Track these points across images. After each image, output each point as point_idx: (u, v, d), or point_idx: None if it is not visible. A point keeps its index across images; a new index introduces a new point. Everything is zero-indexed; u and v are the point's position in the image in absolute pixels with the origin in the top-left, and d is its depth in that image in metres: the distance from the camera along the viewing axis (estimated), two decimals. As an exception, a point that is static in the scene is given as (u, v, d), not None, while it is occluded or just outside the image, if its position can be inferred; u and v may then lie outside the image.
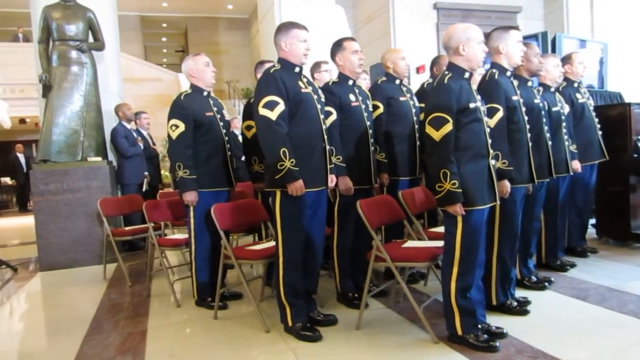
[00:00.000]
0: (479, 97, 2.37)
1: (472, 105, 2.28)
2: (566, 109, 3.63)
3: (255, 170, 3.54)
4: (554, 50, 5.59)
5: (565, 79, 3.77)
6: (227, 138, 3.27)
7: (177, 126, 3.09)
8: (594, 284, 3.27)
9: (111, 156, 5.56)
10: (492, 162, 2.38)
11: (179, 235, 3.79)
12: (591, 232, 4.35)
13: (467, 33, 2.33)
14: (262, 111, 2.52)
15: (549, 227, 3.61)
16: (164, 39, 18.32)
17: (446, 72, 2.34)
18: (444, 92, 2.26)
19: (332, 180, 2.74)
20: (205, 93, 3.26)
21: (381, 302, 3.14)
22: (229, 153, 3.28)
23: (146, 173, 5.58)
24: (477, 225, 2.32)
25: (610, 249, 4.21)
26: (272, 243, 2.99)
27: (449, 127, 2.22)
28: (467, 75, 2.34)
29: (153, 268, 4.04)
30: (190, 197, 3.11)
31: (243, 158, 3.86)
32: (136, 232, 4.21)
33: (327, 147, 2.69)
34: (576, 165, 3.61)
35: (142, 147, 5.59)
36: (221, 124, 3.25)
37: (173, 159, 3.11)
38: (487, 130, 2.36)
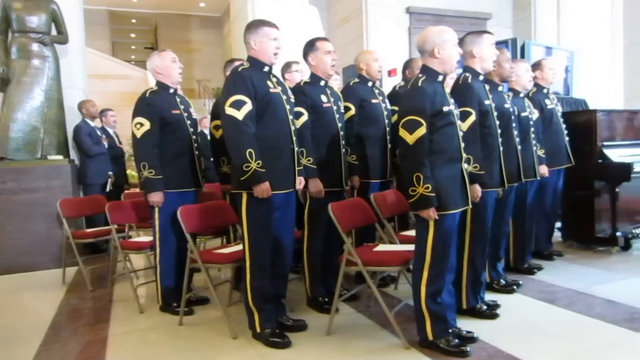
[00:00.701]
0: (452, 101, 2.35)
1: (445, 108, 2.25)
2: (535, 114, 3.67)
3: (224, 171, 3.45)
4: (522, 57, 5.68)
5: (536, 84, 3.82)
6: (194, 137, 3.17)
7: (142, 124, 2.97)
8: (562, 287, 3.30)
9: (74, 155, 5.35)
10: (465, 166, 2.37)
11: (144, 238, 3.65)
12: (556, 235, 4.42)
13: (442, 36, 2.31)
14: (229, 110, 2.43)
15: (517, 230, 3.64)
16: (133, 36, 17.90)
17: (420, 75, 2.32)
18: (418, 95, 2.22)
19: (300, 182, 2.67)
20: (171, 90, 3.15)
21: (352, 306, 3.09)
22: (197, 153, 3.18)
23: (110, 173, 5.39)
24: (449, 230, 2.29)
25: (575, 252, 4.28)
26: (240, 246, 2.90)
27: (422, 131, 2.19)
28: (441, 78, 2.32)
29: (116, 272, 3.88)
30: (156, 198, 3.00)
31: (212, 158, 3.76)
32: (98, 234, 4.05)
33: (296, 149, 2.63)
34: (544, 169, 3.65)
35: (106, 145, 5.39)
36: (188, 122, 3.15)
37: (138, 159, 2.99)
38: (460, 134, 2.34)
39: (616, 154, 4.09)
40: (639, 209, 4.45)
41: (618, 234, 4.09)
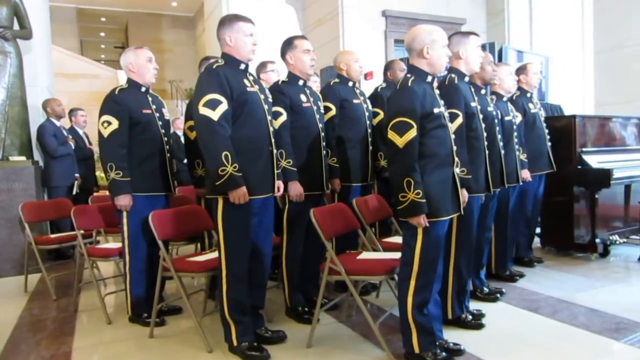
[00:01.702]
0: (442, 102, 2.25)
1: (436, 110, 2.16)
2: (518, 118, 3.63)
3: (198, 175, 3.28)
4: (500, 61, 5.69)
5: (519, 88, 3.79)
6: (166, 139, 3.01)
7: (109, 123, 2.79)
8: (544, 294, 3.26)
9: (37, 156, 5.07)
10: (457, 170, 2.28)
11: (113, 244, 3.45)
12: (535, 241, 4.39)
13: (432, 35, 2.21)
14: (203, 110, 2.28)
15: (499, 237, 3.59)
16: (102, 34, 17.45)
17: (409, 75, 2.21)
18: (408, 95, 2.12)
19: (279, 187, 2.54)
20: (143, 89, 2.99)
21: (332, 316, 2.97)
22: (168, 155, 3.01)
23: (77, 175, 5.13)
24: (438, 238, 2.20)
25: (554, 258, 4.27)
26: (216, 254, 2.75)
27: (413, 133, 2.08)
28: (429, 79, 2.22)
29: (82, 280, 3.66)
30: (124, 201, 2.82)
31: (185, 161, 3.59)
32: (63, 240, 3.81)
33: (275, 151, 2.50)
34: (526, 174, 3.62)
35: (73, 146, 5.13)
36: (160, 123, 2.98)
37: (104, 160, 2.81)
38: (453, 137, 2.25)
39: (595, 160, 4.09)
40: (617, 215, 4.49)
41: (597, 240, 4.09)
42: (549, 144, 3.90)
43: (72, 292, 3.57)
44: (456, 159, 2.27)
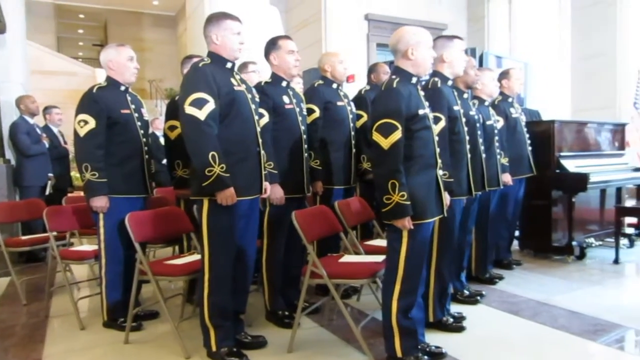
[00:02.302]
0: (427, 104, 2.24)
1: (421, 112, 2.14)
2: (500, 123, 3.66)
3: (178, 175, 3.21)
4: (480, 67, 5.74)
5: (501, 93, 3.82)
6: (145, 139, 2.93)
7: (86, 122, 2.70)
8: (524, 297, 3.28)
9: (10, 154, 4.92)
10: (440, 172, 2.27)
11: (87, 247, 3.35)
12: (514, 243, 4.43)
13: (417, 36, 2.20)
14: (189, 110, 2.23)
15: (479, 240, 3.60)
16: (80, 31, 17.11)
17: (394, 77, 2.19)
18: (393, 96, 2.10)
19: (266, 188, 2.50)
20: (122, 88, 2.91)
21: (313, 320, 2.93)
22: (147, 157, 2.94)
23: (50, 175, 4.98)
24: (424, 240, 2.18)
25: (533, 260, 4.31)
26: (195, 257, 2.71)
27: (398, 135, 2.06)
28: (414, 80, 2.21)
29: (54, 284, 3.55)
30: (99, 202, 2.74)
31: (164, 161, 3.52)
32: (35, 242, 3.68)
33: (262, 151, 2.45)
34: (507, 178, 3.64)
35: (47, 145, 4.99)
36: (139, 123, 2.90)
37: (80, 160, 2.72)
38: (436, 139, 2.24)
39: (573, 165, 4.14)
40: (593, 219, 4.56)
41: (574, 243, 4.14)
42: (530, 148, 3.95)
43: (44, 296, 3.45)
44: (439, 161, 2.26)
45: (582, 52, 7.39)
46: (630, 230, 4.70)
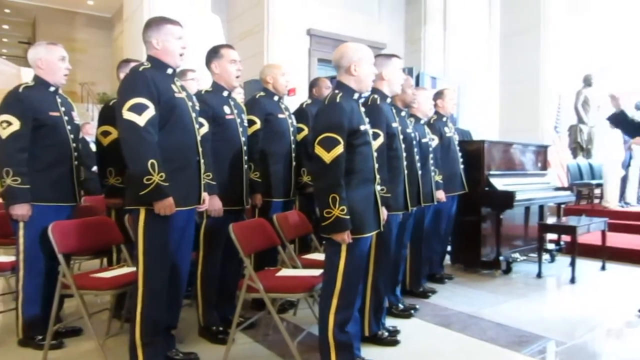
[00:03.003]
0: (367, 120, 2.28)
1: (362, 127, 2.18)
2: (435, 141, 3.79)
3: (110, 184, 3.05)
4: (417, 86, 5.95)
5: (436, 112, 3.96)
6: (75, 144, 2.78)
7: (9, 123, 2.52)
8: (455, 310, 3.39)
9: None
10: (378, 187, 2.30)
11: (3, 258, 3.10)
12: (446, 258, 4.58)
13: (360, 53, 2.24)
14: (128, 115, 2.14)
15: (414, 254, 3.69)
16: (5, 27, 16.05)
17: (337, 92, 2.22)
18: (336, 111, 2.12)
19: (204, 199, 2.43)
20: (52, 89, 2.74)
21: (249, 335, 2.87)
22: (76, 163, 2.78)
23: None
24: (362, 254, 2.20)
25: (463, 275, 4.47)
26: (125, 270, 2.58)
27: (340, 149, 2.08)
28: (356, 96, 2.25)
29: (-36, 298, 3.26)
30: (20, 211, 2.55)
31: (94, 168, 3.34)
32: (-57, 252, 3.38)
33: (202, 160, 2.39)
34: (441, 194, 3.77)
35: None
36: (69, 127, 2.75)
37: (0, 164, 2.53)
38: (375, 154, 2.28)
39: (501, 183, 4.37)
40: (518, 234, 4.82)
41: (501, 258, 4.35)
42: (462, 166, 4.12)
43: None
44: (377, 176, 2.30)
45: (509, 77, 7.87)
46: (551, 246, 5.01)
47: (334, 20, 9.35)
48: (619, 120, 3.49)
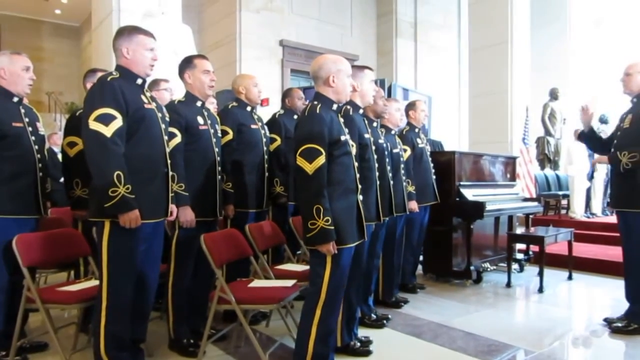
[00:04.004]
0: (347, 130, 2.30)
1: (342, 137, 2.20)
2: (407, 152, 3.85)
3: (76, 195, 2.99)
4: (389, 97, 6.03)
5: (409, 123, 4.02)
6: (39, 156, 2.70)
7: (-30, 135, 2.44)
8: (426, 320, 3.42)
9: None
10: (360, 197, 2.31)
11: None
12: (418, 268, 4.62)
13: (338, 65, 2.27)
14: (94, 125, 2.10)
15: (386, 264, 3.71)
16: (-32, 35, 15.57)
17: (315, 102, 2.23)
18: (317, 122, 2.13)
19: (172, 211, 2.40)
20: (15, 99, 2.67)
21: (220, 347, 2.83)
22: (41, 174, 2.70)
23: None
24: (346, 265, 2.22)
25: (435, 284, 4.52)
26: (93, 283, 2.52)
27: (322, 160, 2.09)
28: (335, 107, 2.27)
29: None
30: (-18, 224, 2.46)
31: (62, 180, 3.26)
32: None
33: (170, 172, 2.36)
34: (413, 205, 3.81)
35: None
36: (33, 138, 2.67)
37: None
38: (356, 164, 2.30)
39: (471, 193, 4.45)
40: (488, 244, 4.90)
41: (471, 268, 4.41)
42: (434, 177, 4.17)
43: None
44: (359, 186, 2.31)
45: (478, 89, 8.04)
46: (520, 256, 5.12)
47: (306, 32, 9.44)
48: (587, 137, 3.52)
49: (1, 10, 13.38)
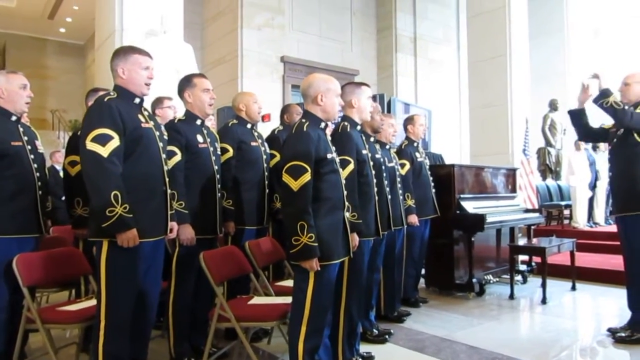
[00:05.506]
0: (334, 149, 2.32)
1: (329, 155, 2.22)
2: (406, 166, 3.86)
3: (77, 214, 3.01)
4: (389, 112, 6.08)
5: (407, 138, 4.04)
6: (39, 174, 2.71)
7: (-33, 154, 2.47)
8: (428, 334, 3.40)
9: None
10: (347, 214, 2.33)
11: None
12: (420, 281, 4.60)
13: (327, 84, 2.30)
14: (91, 145, 2.13)
15: (387, 279, 3.70)
16: (-27, 55, 15.78)
17: (303, 120, 2.26)
18: (304, 139, 2.16)
19: (172, 228, 2.41)
20: (14, 118, 2.69)
21: (221, 365, 2.82)
22: (40, 193, 2.71)
23: None
24: (330, 281, 2.22)
25: (437, 298, 4.50)
26: (94, 302, 2.51)
27: (307, 177, 2.11)
28: (323, 125, 2.30)
29: None
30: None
31: (64, 198, 3.28)
32: None
33: (169, 190, 2.38)
34: (413, 219, 3.81)
35: None
36: (32, 156, 2.68)
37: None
38: (344, 182, 2.31)
39: (471, 206, 4.45)
40: (490, 256, 4.89)
41: (474, 280, 4.40)
42: (434, 190, 4.18)
43: None
44: (347, 203, 2.33)
45: (478, 101, 8.07)
46: (523, 267, 5.09)
47: (307, 48, 9.53)
48: (576, 115, 3.43)
49: (7, 29, 13.59)
